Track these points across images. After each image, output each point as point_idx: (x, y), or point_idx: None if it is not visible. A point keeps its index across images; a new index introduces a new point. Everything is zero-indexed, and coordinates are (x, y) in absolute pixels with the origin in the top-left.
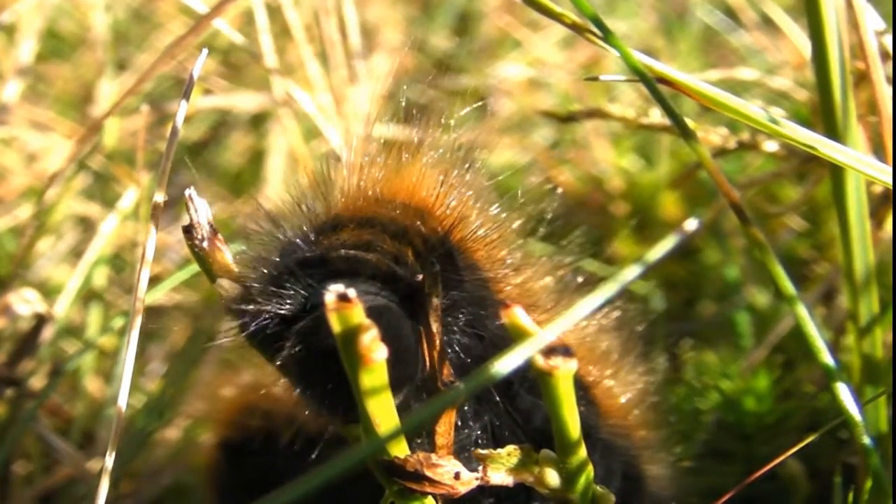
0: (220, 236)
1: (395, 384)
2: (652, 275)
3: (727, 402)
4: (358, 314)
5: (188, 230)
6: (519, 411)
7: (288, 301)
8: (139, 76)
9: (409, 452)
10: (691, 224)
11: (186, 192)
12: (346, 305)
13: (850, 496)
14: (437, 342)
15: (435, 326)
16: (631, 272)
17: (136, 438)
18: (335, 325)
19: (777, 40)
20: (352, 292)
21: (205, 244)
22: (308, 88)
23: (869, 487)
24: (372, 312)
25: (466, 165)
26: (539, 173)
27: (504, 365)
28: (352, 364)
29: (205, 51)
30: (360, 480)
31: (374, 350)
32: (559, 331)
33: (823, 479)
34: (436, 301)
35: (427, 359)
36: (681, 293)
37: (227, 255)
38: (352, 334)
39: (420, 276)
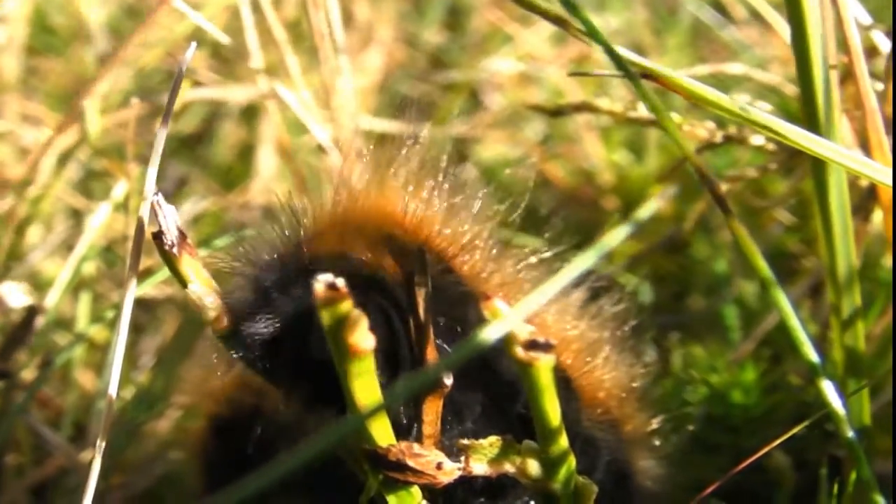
0: (189, 241)
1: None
2: (641, 269)
3: (715, 395)
4: (346, 304)
5: (157, 236)
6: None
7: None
8: (128, 69)
9: (394, 442)
10: (668, 192)
11: (153, 199)
12: (335, 295)
13: (835, 488)
14: (427, 333)
15: (423, 317)
16: (610, 240)
17: (125, 429)
18: (324, 315)
19: (767, 35)
20: (340, 282)
21: (174, 250)
22: (295, 83)
23: (853, 479)
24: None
25: (452, 168)
26: (530, 167)
27: (481, 341)
28: (340, 354)
29: (194, 44)
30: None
31: (363, 340)
32: (536, 304)
33: (810, 471)
34: (424, 291)
35: (416, 350)
36: (670, 287)
37: (196, 260)
38: (340, 324)
39: (407, 267)
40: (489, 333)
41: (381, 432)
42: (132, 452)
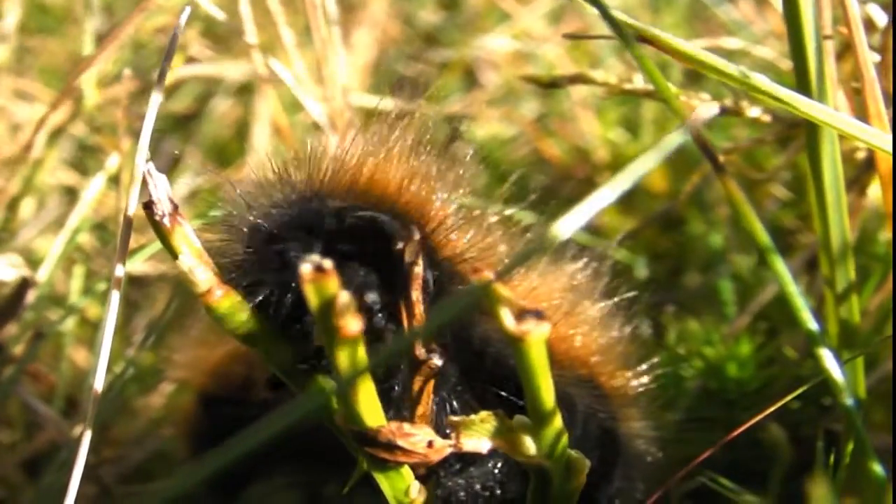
0: (180, 211)
1: None
2: (636, 245)
3: (710, 369)
4: (334, 285)
5: (148, 206)
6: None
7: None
8: (122, 45)
9: (384, 423)
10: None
11: (145, 168)
12: (322, 276)
13: (832, 459)
14: (417, 312)
15: (415, 296)
16: (600, 199)
17: (117, 404)
18: (311, 297)
19: (763, 12)
20: (327, 263)
21: (165, 220)
22: (289, 61)
23: (850, 450)
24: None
25: (448, 144)
26: (526, 145)
27: (459, 301)
28: (328, 335)
29: (188, 9)
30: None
31: (351, 321)
32: (521, 264)
33: (806, 446)
34: (417, 271)
35: (407, 330)
36: (666, 264)
37: (188, 230)
38: (328, 305)
39: (400, 246)
40: (463, 298)
41: (371, 412)
42: (125, 427)
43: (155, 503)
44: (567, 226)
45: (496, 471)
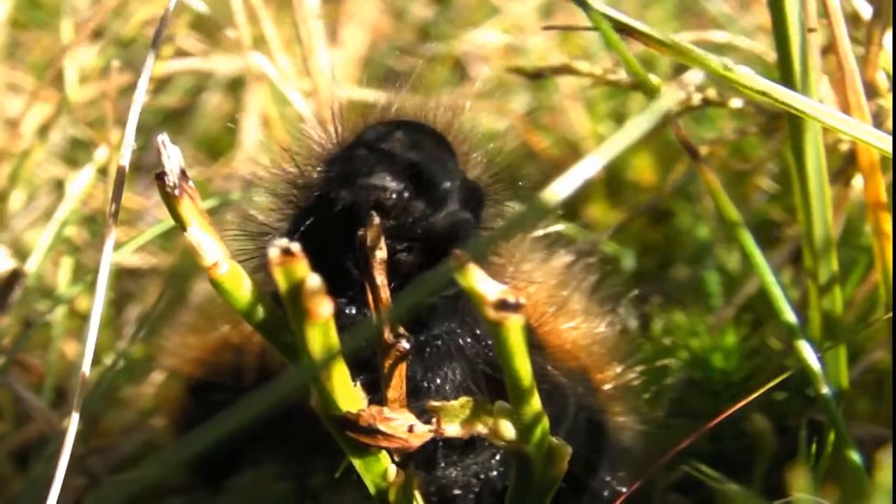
0: (191, 184)
1: None
2: (625, 238)
3: (696, 360)
4: (302, 268)
5: (160, 177)
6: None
7: None
8: (111, 40)
9: (363, 407)
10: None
11: (158, 138)
12: (290, 259)
13: (814, 449)
14: (383, 297)
15: (380, 280)
16: (582, 172)
17: (106, 395)
18: (280, 280)
19: (751, 6)
20: (295, 246)
21: (176, 191)
22: (275, 55)
23: (832, 439)
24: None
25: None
26: (515, 138)
27: (430, 284)
28: (298, 318)
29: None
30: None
31: (320, 305)
32: (497, 243)
33: (791, 437)
34: (380, 255)
35: (374, 315)
36: (654, 256)
37: (198, 202)
38: (297, 289)
39: (362, 231)
40: (435, 280)
41: (346, 396)
42: (114, 418)
43: (138, 487)
44: (555, 193)
45: (491, 461)
